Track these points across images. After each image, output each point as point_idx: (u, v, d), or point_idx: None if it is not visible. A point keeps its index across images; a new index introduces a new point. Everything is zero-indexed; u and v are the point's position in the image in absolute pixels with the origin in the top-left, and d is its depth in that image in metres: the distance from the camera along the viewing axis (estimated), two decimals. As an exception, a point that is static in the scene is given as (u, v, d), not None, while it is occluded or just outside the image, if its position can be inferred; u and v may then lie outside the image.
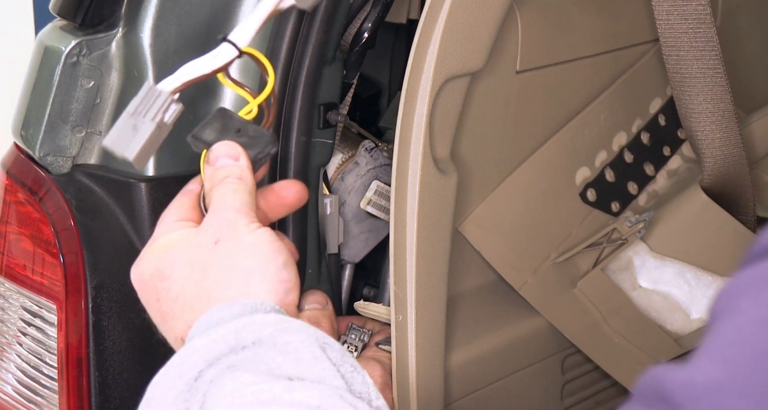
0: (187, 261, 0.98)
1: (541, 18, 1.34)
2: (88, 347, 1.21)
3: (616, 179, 1.49)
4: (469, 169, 1.28)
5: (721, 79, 1.43)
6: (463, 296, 1.35)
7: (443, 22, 1.15)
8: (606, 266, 1.51)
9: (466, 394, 1.37)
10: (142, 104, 1.01)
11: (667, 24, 1.40)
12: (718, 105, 1.45)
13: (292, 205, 1.09)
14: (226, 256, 0.97)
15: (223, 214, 1.00)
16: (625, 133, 1.50)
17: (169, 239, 1.01)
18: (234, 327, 0.87)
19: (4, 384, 1.29)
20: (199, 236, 0.99)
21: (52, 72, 1.19)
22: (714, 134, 1.47)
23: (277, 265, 0.97)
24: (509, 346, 1.44)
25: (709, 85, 1.44)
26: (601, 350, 1.51)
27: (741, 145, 1.50)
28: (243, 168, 1.03)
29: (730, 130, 1.47)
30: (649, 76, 1.51)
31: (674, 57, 1.42)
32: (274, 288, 0.96)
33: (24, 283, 1.25)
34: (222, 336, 0.87)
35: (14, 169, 1.26)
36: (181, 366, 0.85)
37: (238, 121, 1.06)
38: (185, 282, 0.98)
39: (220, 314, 0.92)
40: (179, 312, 0.97)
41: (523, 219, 1.40)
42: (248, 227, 0.99)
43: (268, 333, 0.87)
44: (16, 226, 1.26)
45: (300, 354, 0.85)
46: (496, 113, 1.31)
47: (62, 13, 1.22)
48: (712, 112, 1.45)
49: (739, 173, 1.52)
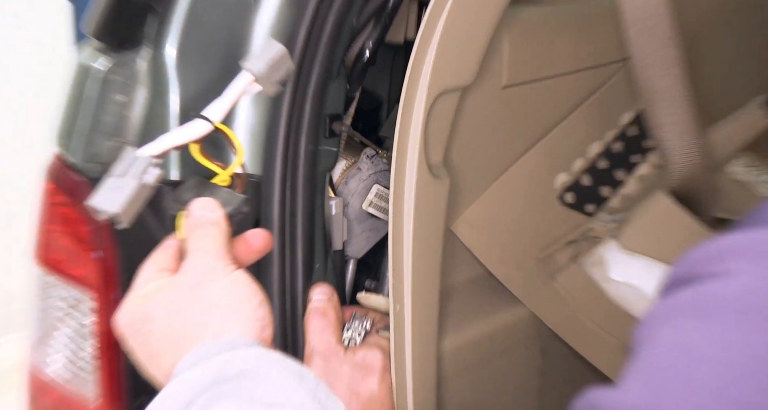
0: (169, 303, 0.98)
1: (525, 39, 1.33)
2: None
3: (591, 183, 1.48)
4: (461, 174, 1.28)
5: (686, 95, 1.42)
6: (455, 288, 1.34)
7: (436, 42, 1.14)
8: (582, 261, 1.50)
9: (456, 375, 1.36)
10: (124, 167, 1.04)
11: (636, 45, 1.38)
12: (683, 118, 1.43)
13: (260, 251, 1.12)
14: (205, 297, 0.98)
15: (201, 258, 1.00)
16: (599, 142, 1.49)
17: (150, 288, 1.01)
18: (218, 361, 0.88)
19: (50, 363, 1.28)
20: (179, 280, 0.99)
21: (88, 88, 1.19)
22: (679, 143, 1.45)
23: (253, 305, 0.98)
24: (495, 332, 1.44)
25: (675, 100, 1.41)
26: (577, 335, 1.51)
27: (703, 154, 1.48)
28: (218, 217, 1.04)
29: (694, 140, 1.45)
30: (620, 91, 1.49)
31: (643, 74, 1.40)
32: (251, 326, 0.96)
33: (66, 275, 1.24)
34: (208, 369, 0.87)
35: (56, 175, 1.25)
36: (171, 396, 0.85)
37: (214, 186, 1.08)
38: (169, 323, 0.97)
39: (204, 349, 0.92)
40: (165, 349, 0.96)
41: (508, 219, 1.39)
42: (224, 270, 0.99)
43: (250, 366, 0.87)
44: (58, 225, 1.25)
45: (279, 384, 0.86)
46: (484, 124, 1.30)
47: (97, 36, 1.20)
48: (677, 124, 1.43)
49: (701, 178, 1.50)
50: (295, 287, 1.20)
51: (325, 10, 1.16)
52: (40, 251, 1.27)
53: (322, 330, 1.20)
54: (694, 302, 0.65)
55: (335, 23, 1.17)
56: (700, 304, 0.64)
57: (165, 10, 1.19)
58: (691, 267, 0.67)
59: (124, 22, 1.18)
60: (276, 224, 1.18)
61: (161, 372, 0.96)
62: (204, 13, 1.18)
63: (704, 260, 0.66)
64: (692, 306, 0.64)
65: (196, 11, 1.18)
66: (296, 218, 1.19)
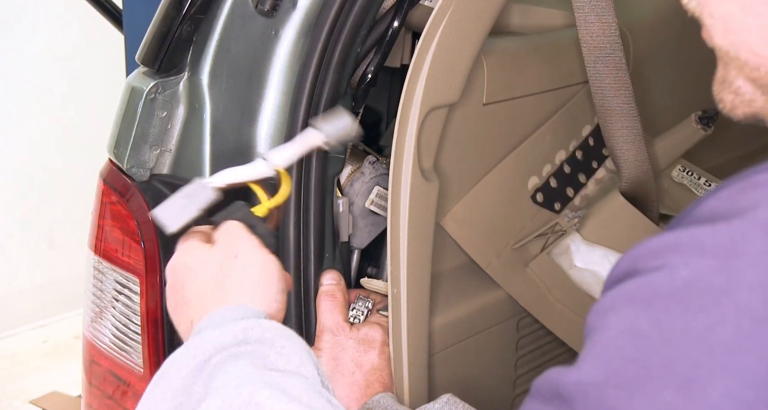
0: (209, 263, 0.98)
1: (502, 64, 1.35)
2: (162, 311, 1.21)
3: (557, 185, 1.49)
4: (448, 177, 1.29)
5: (634, 111, 1.43)
6: (443, 274, 1.35)
7: (427, 67, 1.16)
8: (550, 250, 1.51)
9: (444, 348, 1.37)
10: (191, 192, 1.04)
11: (594, 69, 1.39)
12: (632, 130, 1.44)
13: None
14: (241, 267, 0.97)
15: (245, 235, 1.00)
16: (564, 150, 1.50)
17: (197, 246, 1.00)
18: (242, 326, 0.86)
19: (103, 336, 1.30)
20: (222, 247, 0.99)
21: (136, 105, 1.20)
22: (629, 151, 1.46)
23: (278, 288, 0.97)
24: (477, 311, 1.44)
25: (625, 116, 1.43)
26: (547, 314, 1.52)
27: (648, 160, 1.50)
28: None
29: (641, 149, 1.46)
30: (581, 108, 1.51)
31: (599, 94, 1.42)
32: (270, 305, 0.95)
33: (116, 262, 1.26)
34: (232, 330, 0.86)
35: (108, 178, 1.27)
36: (194, 349, 0.84)
37: (252, 216, 1.05)
38: (204, 281, 0.97)
39: (228, 313, 0.91)
40: (195, 302, 0.96)
41: (488, 216, 1.40)
42: (262, 249, 0.99)
43: (270, 336, 0.86)
44: (110, 220, 1.27)
45: (291, 357, 0.84)
46: (467, 135, 1.32)
47: (144, 62, 1.23)
48: (627, 135, 1.44)
49: (647, 181, 1.52)
50: (308, 273, 1.22)
51: (334, 40, 1.18)
52: (96, 242, 1.29)
53: (332, 310, 1.21)
54: (638, 292, 0.64)
55: (343, 51, 1.19)
56: (644, 294, 0.63)
57: (200, 41, 1.21)
58: (634, 262, 0.66)
59: (169, 52, 1.20)
60: (292, 220, 1.20)
61: (186, 320, 0.96)
62: (232, 43, 1.20)
63: (646, 255, 0.65)
64: (637, 296, 0.64)
65: (226, 42, 1.20)
66: (309, 214, 1.20)
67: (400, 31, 1.24)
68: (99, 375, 1.31)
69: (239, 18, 1.19)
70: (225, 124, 1.21)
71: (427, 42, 1.16)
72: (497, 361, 1.53)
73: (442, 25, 1.16)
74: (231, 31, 1.20)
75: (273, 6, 1.18)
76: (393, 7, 1.23)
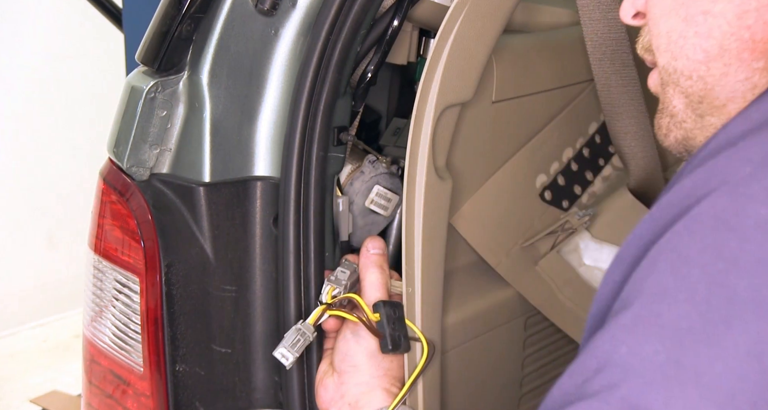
0: None
1: (510, 62, 1.39)
2: (162, 310, 1.24)
3: (565, 183, 1.53)
4: (459, 175, 1.32)
5: (642, 107, 1.47)
6: (455, 272, 1.38)
7: (443, 65, 1.20)
8: (559, 248, 1.55)
9: (456, 346, 1.41)
10: (296, 335, 1.18)
11: (600, 67, 1.44)
12: (639, 127, 1.48)
13: None
14: None
15: None
16: (571, 148, 1.54)
17: None
18: None
19: (103, 335, 1.32)
20: None
21: (136, 105, 1.23)
22: (636, 148, 1.50)
23: None
24: (487, 309, 1.49)
25: (632, 112, 1.47)
26: (556, 312, 1.57)
27: (656, 157, 1.54)
28: None
29: (649, 145, 1.50)
30: (588, 105, 1.55)
31: (605, 91, 1.46)
32: None
33: (116, 261, 1.28)
34: None
35: (108, 177, 1.29)
36: None
37: None
38: None
39: None
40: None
41: (497, 214, 1.44)
42: None
43: None
44: (110, 219, 1.29)
45: None
46: (477, 133, 1.35)
47: (144, 61, 1.26)
48: (634, 132, 1.49)
49: (655, 177, 1.56)
50: (308, 273, 1.24)
51: (334, 39, 1.20)
52: (95, 241, 1.31)
53: (382, 285, 1.22)
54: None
55: (342, 50, 1.21)
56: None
57: (200, 40, 1.24)
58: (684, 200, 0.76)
59: (168, 51, 1.23)
60: (292, 219, 1.22)
61: None
62: (232, 42, 1.23)
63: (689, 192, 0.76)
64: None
65: (226, 41, 1.23)
66: (309, 213, 1.23)
67: (400, 30, 1.26)
68: (99, 374, 1.33)
69: (239, 17, 1.22)
70: (225, 123, 1.23)
71: (443, 41, 1.19)
72: (505, 359, 1.56)
73: (457, 23, 1.18)
74: (231, 31, 1.23)
75: (273, 5, 1.20)
76: (393, 6, 1.25)
